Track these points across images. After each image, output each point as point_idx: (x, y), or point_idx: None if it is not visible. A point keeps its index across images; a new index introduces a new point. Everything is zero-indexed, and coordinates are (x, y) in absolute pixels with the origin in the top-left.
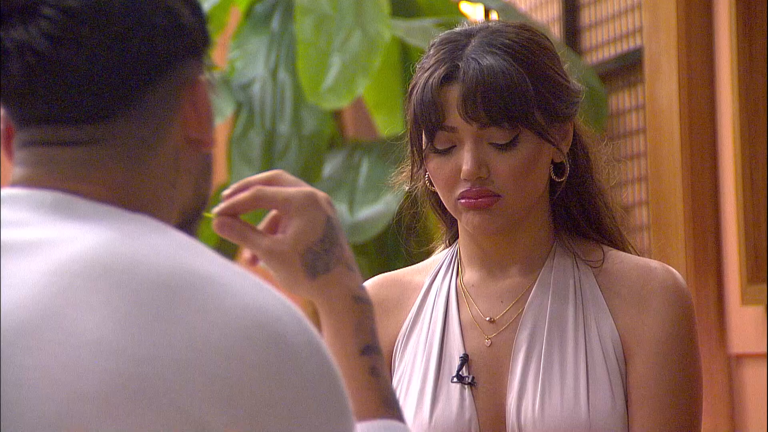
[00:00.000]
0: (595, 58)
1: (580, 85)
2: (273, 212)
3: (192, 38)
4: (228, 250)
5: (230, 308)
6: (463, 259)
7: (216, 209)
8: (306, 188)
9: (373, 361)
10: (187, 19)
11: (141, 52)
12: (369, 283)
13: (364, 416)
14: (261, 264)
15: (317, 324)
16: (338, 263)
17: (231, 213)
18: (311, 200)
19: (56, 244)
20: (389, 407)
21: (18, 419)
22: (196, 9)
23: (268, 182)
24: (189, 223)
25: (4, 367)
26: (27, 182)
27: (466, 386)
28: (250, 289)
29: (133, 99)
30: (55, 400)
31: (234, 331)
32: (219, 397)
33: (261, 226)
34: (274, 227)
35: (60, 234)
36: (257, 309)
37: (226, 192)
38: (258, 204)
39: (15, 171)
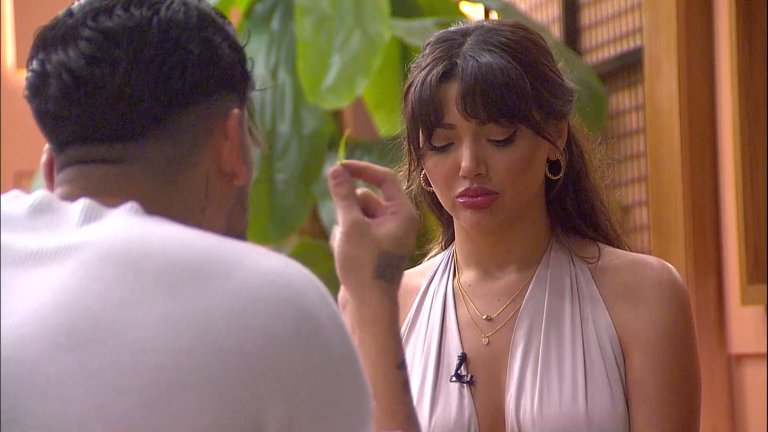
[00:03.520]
0: (595, 58)
1: (573, 84)
2: (362, 192)
3: (228, 72)
4: None
5: (259, 287)
6: (459, 259)
7: (348, 162)
8: (414, 211)
9: (405, 376)
10: (225, 53)
11: (173, 77)
12: None
13: (388, 427)
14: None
15: None
16: (399, 282)
17: (354, 173)
18: (415, 221)
19: (88, 246)
20: (411, 423)
21: (60, 413)
22: (236, 46)
23: (382, 175)
24: None
25: (45, 363)
26: (62, 198)
27: (464, 385)
28: (275, 266)
29: (164, 121)
30: (97, 395)
31: (265, 308)
32: (256, 376)
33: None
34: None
35: (89, 237)
36: (284, 285)
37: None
38: (382, 183)
39: (55, 192)
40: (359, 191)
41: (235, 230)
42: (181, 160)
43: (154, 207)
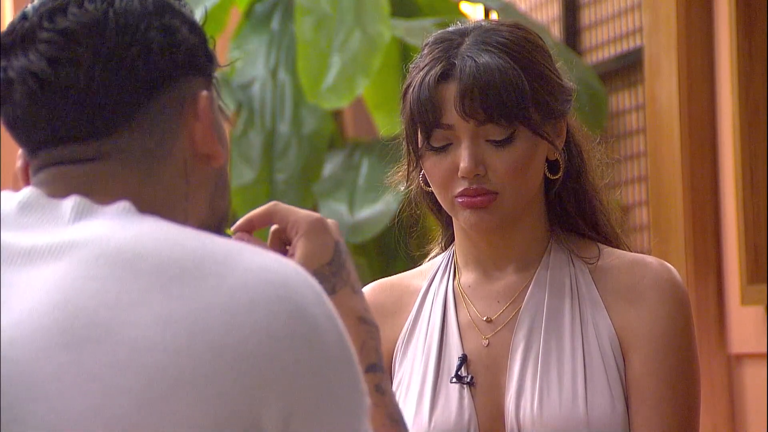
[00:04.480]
0: (595, 58)
1: (572, 83)
2: (274, 227)
3: (191, 54)
4: None
5: (255, 285)
6: (459, 260)
7: (234, 226)
8: (314, 213)
9: (377, 379)
10: (185, 36)
11: (137, 68)
12: (367, 289)
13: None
14: None
15: None
16: (344, 285)
17: (247, 229)
18: (320, 224)
19: (82, 245)
20: (395, 422)
21: (59, 412)
22: (195, 28)
23: (266, 214)
24: None
25: (43, 362)
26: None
27: (465, 386)
28: (270, 264)
29: (134, 113)
30: (95, 395)
31: (260, 307)
32: (253, 375)
33: (269, 244)
34: (276, 244)
35: (83, 235)
36: (279, 283)
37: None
38: (272, 218)
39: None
40: (272, 228)
41: (219, 212)
42: (157, 150)
43: (138, 200)
